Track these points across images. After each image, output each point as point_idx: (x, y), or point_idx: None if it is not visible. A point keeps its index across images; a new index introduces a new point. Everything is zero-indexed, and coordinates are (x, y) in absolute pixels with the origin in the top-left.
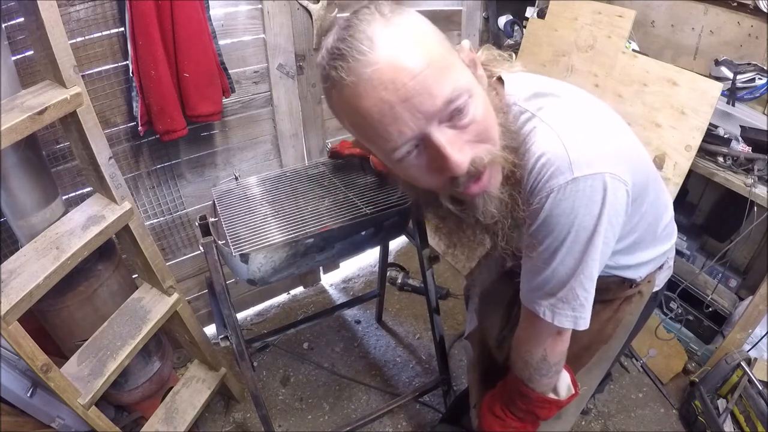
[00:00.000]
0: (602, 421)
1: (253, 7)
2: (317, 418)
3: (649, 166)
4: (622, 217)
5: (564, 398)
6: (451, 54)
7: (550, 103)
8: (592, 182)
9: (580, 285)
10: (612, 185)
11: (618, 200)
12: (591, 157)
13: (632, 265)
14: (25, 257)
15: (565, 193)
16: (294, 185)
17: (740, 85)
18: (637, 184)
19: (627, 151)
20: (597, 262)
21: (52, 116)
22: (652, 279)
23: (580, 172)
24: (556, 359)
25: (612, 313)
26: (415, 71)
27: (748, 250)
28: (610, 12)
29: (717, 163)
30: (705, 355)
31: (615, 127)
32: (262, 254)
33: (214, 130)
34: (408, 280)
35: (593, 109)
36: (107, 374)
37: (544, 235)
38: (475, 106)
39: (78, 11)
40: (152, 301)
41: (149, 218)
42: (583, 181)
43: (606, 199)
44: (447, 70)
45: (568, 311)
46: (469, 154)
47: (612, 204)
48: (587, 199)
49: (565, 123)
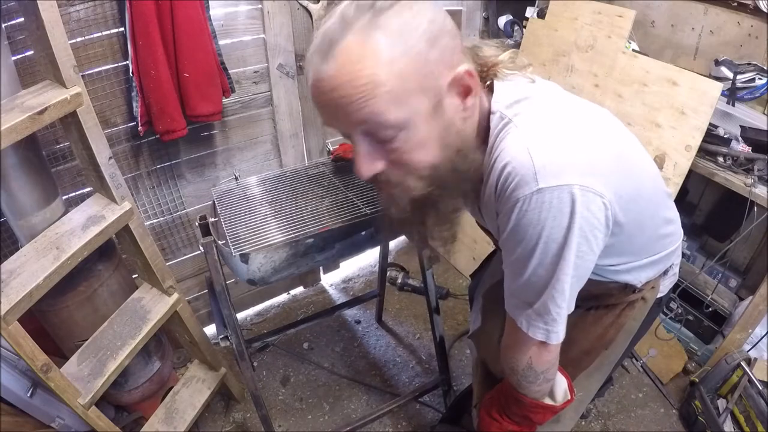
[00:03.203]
0: (602, 421)
1: (253, 7)
2: (317, 418)
3: (642, 176)
4: (601, 231)
5: (559, 404)
6: (409, 83)
7: (528, 108)
8: (558, 194)
9: (552, 299)
10: (582, 198)
11: (592, 213)
12: (559, 167)
13: (633, 269)
14: (25, 257)
15: (530, 204)
16: (294, 185)
17: (740, 85)
18: (623, 196)
19: (606, 163)
20: (570, 277)
21: (52, 116)
22: (656, 285)
23: (546, 183)
24: (542, 368)
25: (614, 318)
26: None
27: (748, 250)
28: (610, 12)
29: (717, 163)
30: (705, 355)
31: (597, 137)
32: (262, 254)
33: (214, 130)
34: (408, 280)
35: (576, 116)
36: (107, 374)
37: (514, 244)
38: (406, 140)
39: (78, 11)
40: (152, 301)
41: (149, 218)
42: (549, 193)
43: (575, 212)
44: (379, 99)
45: (540, 324)
46: (378, 168)
47: (584, 217)
48: (555, 210)
49: (537, 130)
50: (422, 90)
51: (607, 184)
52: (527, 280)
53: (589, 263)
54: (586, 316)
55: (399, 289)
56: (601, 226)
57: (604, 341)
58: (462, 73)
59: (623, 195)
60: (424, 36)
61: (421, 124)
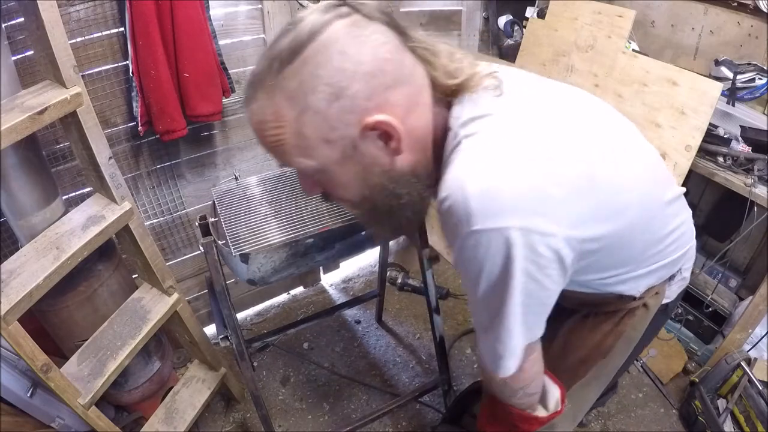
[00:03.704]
0: (602, 421)
1: (253, 7)
2: (317, 418)
3: (626, 187)
4: (554, 268)
5: (548, 414)
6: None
7: (484, 127)
8: (494, 237)
9: (497, 338)
10: (523, 240)
11: (538, 254)
12: (496, 208)
13: (628, 280)
14: (25, 257)
15: (466, 243)
16: (294, 185)
17: (740, 85)
18: (596, 217)
19: (564, 191)
20: (517, 315)
21: (52, 116)
22: (660, 291)
23: (480, 225)
24: (518, 385)
25: (613, 325)
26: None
27: (748, 250)
28: (610, 12)
29: (717, 163)
30: (705, 355)
31: (557, 162)
32: (262, 254)
33: (214, 130)
34: (408, 280)
35: (538, 136)
36: (107, 374)
37: (461, 273)
38: (326, 181)
39: (78, 11)
40: (152, 301)
41: (149, 218)
42: (485, 235)
43: (513, 256)
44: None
45: (491, 353)
46: (317, 192)
47: (528, 259)
48: (491, 254)
49: (483, 158)
50: (326, 142)
51: (562, 218)
52: (477, 311)
53: (547, 298)
54: (584, 322)
55: (399, 289)
56: (553, 264)
57: (602, 349)
58: (372, 123)
59: (596, 215)
60: (324, 93)
61: (335, 169)
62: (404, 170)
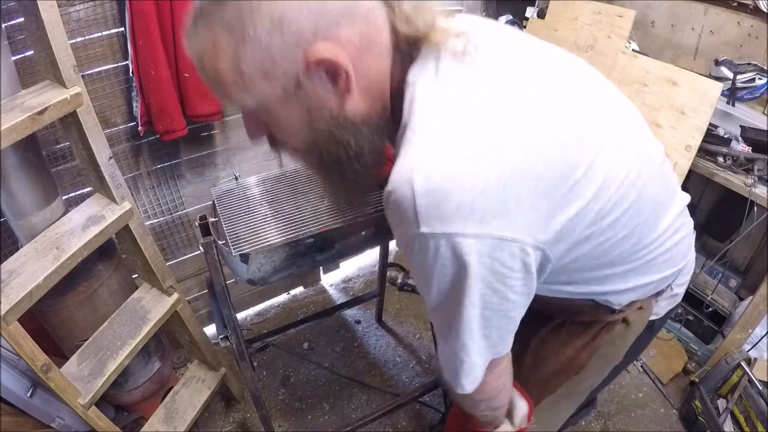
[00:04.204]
0: (602, 421)
1: None
2: (317, 418)
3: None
4: (517, 278)
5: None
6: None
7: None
8: (443, 243)
9: (454, 352)
10: (476, 248)
11: (499, 262)
12: (447, 210)
13: (608, 291)
14: (25, 257)
15: (414, 246)
16: (294, 185)
17: (740, 85)
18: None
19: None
20: (474, 332)
21: (52, 116)
22: (645, 306)
23: (428, 228)
24: (482, 397)
25: (589, 339)
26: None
27: (748, 250)
28: (610, 12)
29: (717, 163)
30: (705, 355)
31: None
32: (262, 254)
33: (214, 130)
34: (408, 280)
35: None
36: (107, 374)
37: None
38: (270, 121)
39: (78, 11)
40: (152, 301)
41: (149, 218)
42: (433, 240)
43: (466, 264)
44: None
45: (449, 364)
46: (261, 135)
47: (485, 268)
48: (441, 261)
49: (433, 149)
50: (267, 77)
51: (526, 221)
52: (432, 315)
53: (510, 310)
54: (557, 333)
55: (399, 289)
56: (515, 273)
57: (575, 365)
58: (317, 59)
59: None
60: (266, 24)
61: (277, 110)
62: (355, 117)
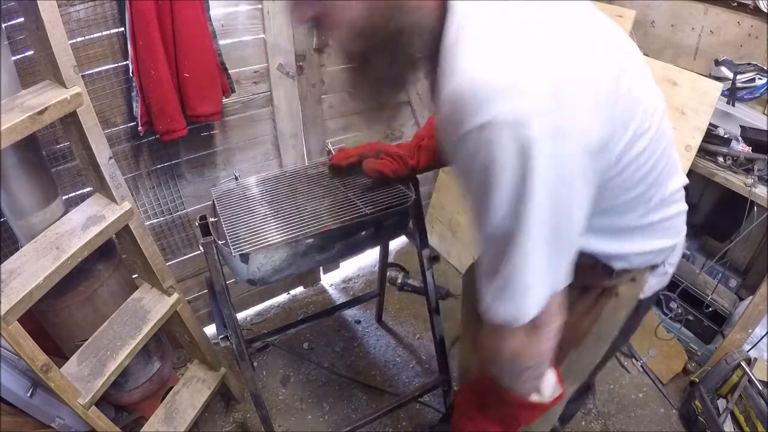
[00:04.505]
0: (602, 421)
1: (253, 7)
2: (317, 418)
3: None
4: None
5: (548, 400)
6: None
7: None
8: (502, 132)
9: (513, 270)
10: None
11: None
12: (510, 92)
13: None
14: (25, 257)
15: (475, 140)
16: (294, 185)
17: (740, 85)
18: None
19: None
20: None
21: (52, 116)
22: (637, 278)
23: (490, 117)
24: (529, 363)
25: (591, 303)
26: None
27: (748, 250)
28: (610, 12)
29: (717, 163)
30: (705, 355)
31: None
32: (262, 254)
33: (214, 130)
34: (408, 280)
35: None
36: (107, 374)
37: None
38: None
39: (78, 11)
40: (152, 301)
41: (149, 218)
42: (497, 128)
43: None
44: None
45: (506, 299)
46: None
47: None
48: (503, 153)
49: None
50: None
51: (590, 112)
52: (486, 239)
53: (577, 208)
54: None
55: (399, 289)
56: (578, 175)
57: (578, 333)
58: None
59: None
60: None
61: None
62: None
